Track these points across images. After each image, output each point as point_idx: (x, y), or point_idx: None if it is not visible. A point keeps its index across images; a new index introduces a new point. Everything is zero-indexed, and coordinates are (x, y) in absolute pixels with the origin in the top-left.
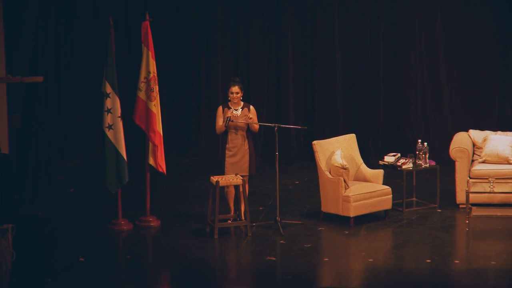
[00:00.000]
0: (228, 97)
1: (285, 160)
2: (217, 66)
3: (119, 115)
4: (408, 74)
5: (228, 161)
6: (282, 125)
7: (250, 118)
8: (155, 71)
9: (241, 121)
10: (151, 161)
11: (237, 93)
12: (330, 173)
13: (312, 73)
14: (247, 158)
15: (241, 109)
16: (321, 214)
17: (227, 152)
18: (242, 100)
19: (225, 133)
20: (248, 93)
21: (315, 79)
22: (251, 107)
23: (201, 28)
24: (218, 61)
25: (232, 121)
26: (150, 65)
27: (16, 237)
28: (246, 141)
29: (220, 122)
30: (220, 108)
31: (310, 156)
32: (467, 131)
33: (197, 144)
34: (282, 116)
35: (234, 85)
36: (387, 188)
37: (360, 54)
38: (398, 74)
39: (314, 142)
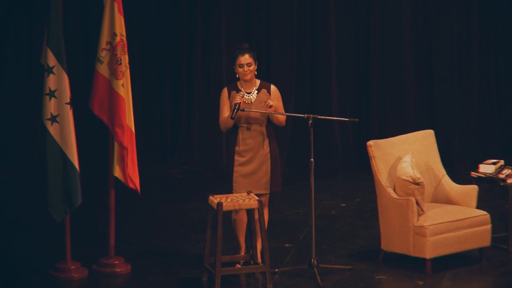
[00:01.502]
0: (236, 73)
1: (325, 170)
2: (220, 28)
3: (68, 100)
4: None
5: (238, 171)
6: (319, 117)
7: (270, 107)
8: (124, 33)
9: (257, 110)
10: (117, 172)
11: (248, 64)
12: (394, 190)
13: (366, 38)
14: (267, 167)
15: (256, 91)
16: (381, 255)
17: (236, 158)
18: (257, 78)
19: (234, 130)
20: (267, 68)
21: (371, 47)
22: (272, 87)
23: None
24: (221, 21)
25: (244, 110)
26: (116, 24)
27: None
28: (266, 141)
29: (225, 112)
30: (225, 91)
31: (363, 165)
32: None
33: (188, 146)
34: (319, 103)
35: (243, 54)
36: (483, 214)
37: (441, 16)
38: (501, 47)
39: (370, 142)
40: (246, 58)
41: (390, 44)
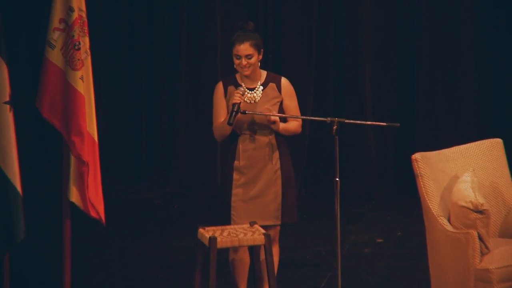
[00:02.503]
0: (234, 64)
1: (356, 193)
2: (213, 2)
3: (7, 99)
4: None
5: (238, 195)
6: (347, 121)
7: (274, 123)
8: (84, 8)
9: (263, 113)
10: (73, 197)
11: (248, 56)
12: (449, 221)
13: (411, 18)
14: (276, 189)
15: (261, 87)
16: None
17: (235, 176)
18: (263, 69)
19: (233, 139)
20: (277, 55)
21: (418, 29)
22: (283, 80)
23: None
24: None
25: (245, 112)
26: None
27: None
28: (276, 154)
29: (221, 115)
30: (220, 86)
31: (406, 186)
32: None
33: (171, 160)
34: (347, 102)
35: (241, 42)
36: None
37: None
38: None
39: (416, 156)
40: (245, 48)
41: (442, 26)
